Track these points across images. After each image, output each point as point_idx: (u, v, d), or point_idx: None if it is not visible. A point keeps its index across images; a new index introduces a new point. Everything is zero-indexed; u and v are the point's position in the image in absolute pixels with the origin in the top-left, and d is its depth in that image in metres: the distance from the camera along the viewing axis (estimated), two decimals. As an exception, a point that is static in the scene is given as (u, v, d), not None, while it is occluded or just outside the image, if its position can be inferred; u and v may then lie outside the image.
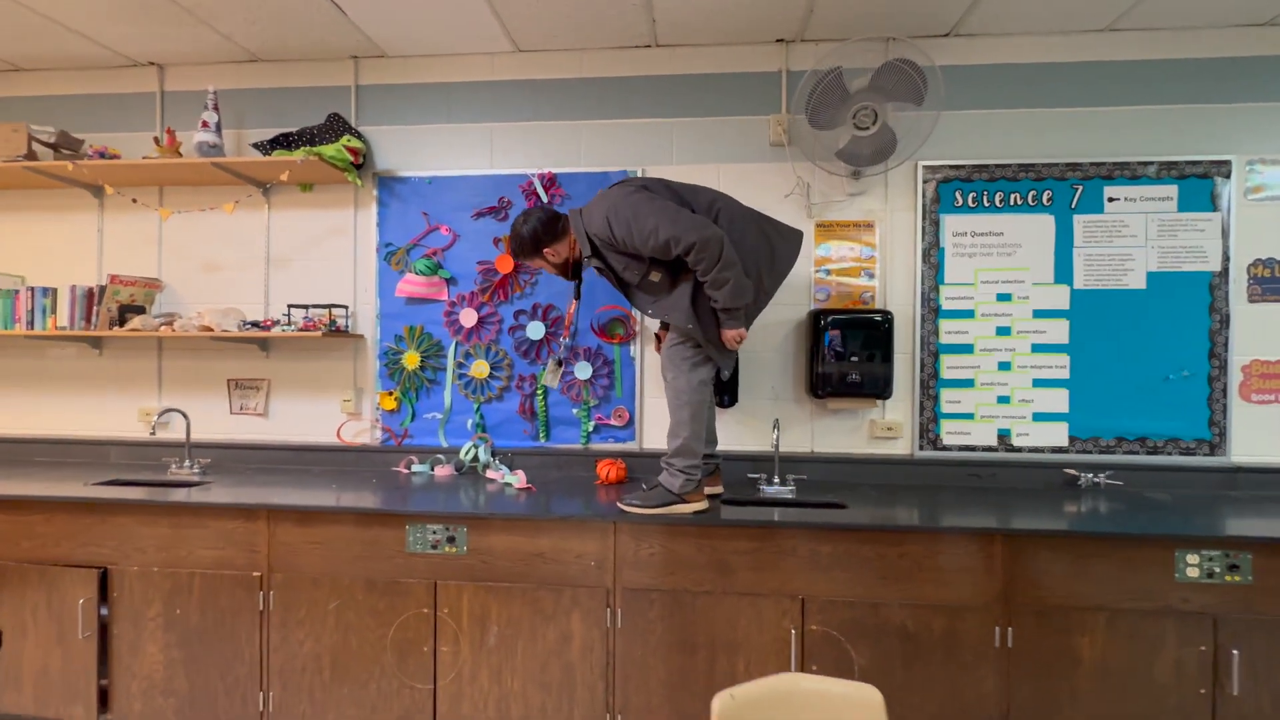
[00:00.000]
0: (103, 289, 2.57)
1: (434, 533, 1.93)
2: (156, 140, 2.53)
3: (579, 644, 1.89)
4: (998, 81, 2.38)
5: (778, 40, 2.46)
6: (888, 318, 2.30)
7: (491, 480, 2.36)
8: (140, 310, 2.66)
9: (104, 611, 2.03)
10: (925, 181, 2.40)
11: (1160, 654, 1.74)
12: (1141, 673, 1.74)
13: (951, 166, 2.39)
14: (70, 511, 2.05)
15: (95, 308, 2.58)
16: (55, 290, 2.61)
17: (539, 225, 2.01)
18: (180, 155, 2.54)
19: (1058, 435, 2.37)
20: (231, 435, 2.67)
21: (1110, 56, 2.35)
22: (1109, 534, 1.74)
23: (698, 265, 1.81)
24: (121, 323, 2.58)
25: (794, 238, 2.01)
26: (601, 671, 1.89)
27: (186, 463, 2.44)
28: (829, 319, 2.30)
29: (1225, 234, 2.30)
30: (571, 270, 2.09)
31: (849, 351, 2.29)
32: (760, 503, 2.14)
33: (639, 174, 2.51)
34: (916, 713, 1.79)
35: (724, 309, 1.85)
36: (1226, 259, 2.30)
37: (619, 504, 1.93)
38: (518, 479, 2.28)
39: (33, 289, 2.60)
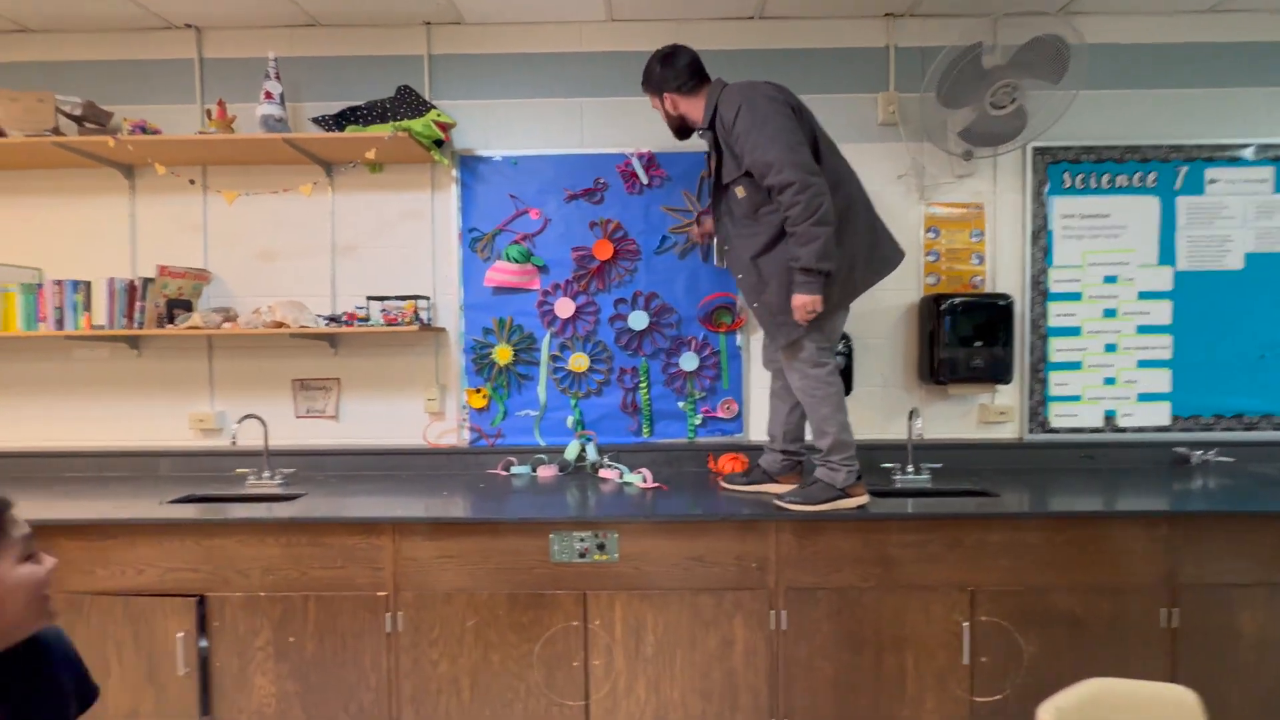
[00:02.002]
0: (146, 282, 2.28)
1: (581, 540, 1.80)
2: (209, 113, 2.24)
3: (741, 649, 1.81)
4: (1104, 62, 2.36)
5: (886, 15, 2.37)
6: (1008, 301, 2.27)
7: (605, 480, 2.24)
8: (187, 305, 2.39)
9: (203, 644, 1.81)
10: (1034, 163, 2.38)
11: (1316, 626, 1.79)
12: (1299, 645, 1.79)
13: (1061, 148, 2.37)
14: (155, 534, 1.82)
15: (139, 303, 2.29)
16: (89, 284, 2.31)
17: (677, 69, 1.92)
18: (232, 130, 2.27)
19: (1161, 415, 2.41)
20: (299, 441, 2.44)
21: (1213, 38, 2.37)
22: (1270, 512, 1.77)
23: (790, 209, 1.70)
24: (170, 319, 2.31)
25: (898, 252, 1.93)
26: (766, 675, 1.81)
27: (266, 473, 2.20)
28: (949, 303, 2.26)
29: (1319, 215, 2.37)
30: (680, 129, 2.01)
31: (971, 336, 2.25)
32: (904, 493, 2.10)
33: (742, 154, 2.39)
34: (1086, 697, 1.79)
35: (803, 268, 1.71)
36: (1319, 239, 2.38)
37: (778, 503, 1.84)
38: (640, 478, 2.15)
39: (61, 283, 2.29)
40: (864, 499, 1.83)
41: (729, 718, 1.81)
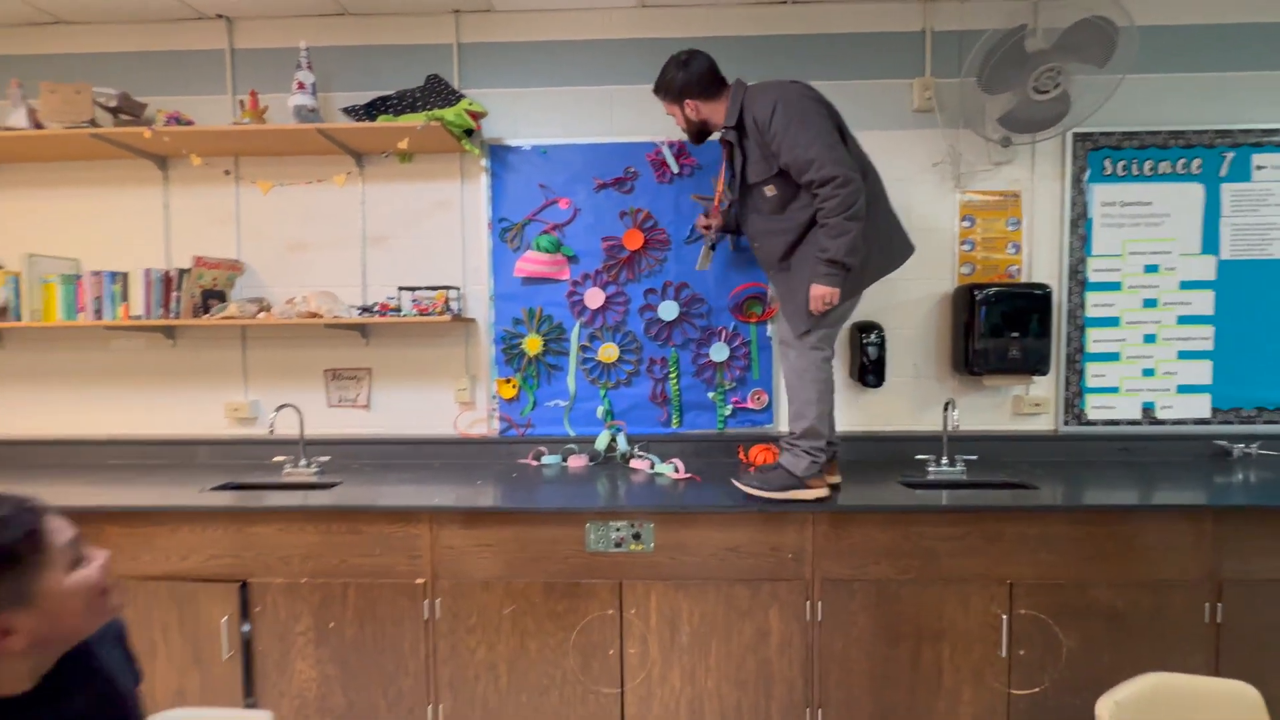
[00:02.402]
0: (182, 272, 2.31)
1: (617, 530, 1.80)
2: (242, 104, 2.25)
3: (777, 639, 1.81)
4: (1148, 44, 2.29)
5: (922, -3, 2.33)
6: (1046, 291, 2.23)
7: (636, 470, 2.24)
8: (221, 295, 2.41)
9: (245, 628, 1.85)
10: (1074, 149, 2.32)
11: (1364, 622, 1.76)
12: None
13: (1102, 134, 2.31)
14: (198, 521, 1.85)
15: (175, 293, 2.32)
16: (126, 275, 2.34)
17: (699, 74, 1.87)
18: (264, 120, 2.28)
19: (1201, 407, 2.36)
20: (331, 430, 2.46)
21: (1263, 18, 2.29)
22: (1319, 506, 1.74)
23: (827, 201, 1.70)
24: (205, 309, 2.33)
25: (908, 245, 1.93)
26: (800, 666, 1.81)
27: (303, 462, 2.23)
28: (985, 293, 2.22)
29: (1370, 202, 2.30)
30: (698, 134, 1.97)
31: (1007, 326, 2.22)
32: (939, 485, 2.08)
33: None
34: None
35: (829, 260, 1.72)
36: (1369, 227, 2.31)
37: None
38: (671, 468, 2.15)
39: (99, 274, 2.32)
40: (822, 492, 1.81)
41: (764, 707, 1.82)
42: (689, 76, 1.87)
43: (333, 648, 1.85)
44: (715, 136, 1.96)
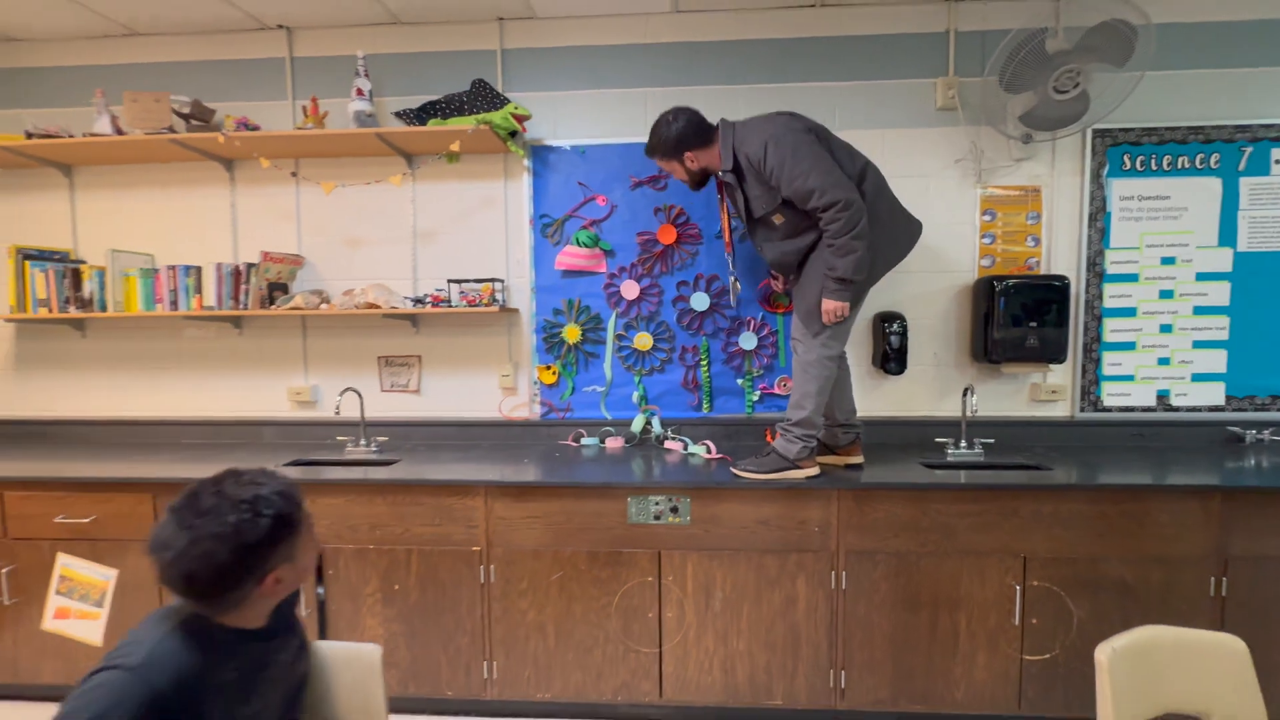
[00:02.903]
0: (249, 266, 2.50)
1: (656, 504, 1.96)
2: (304, 109, 2.42)
3: (804, 605, 1.96)
4: (1167, 41, 2.36)
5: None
6: (1064, 283, 2.33)
7: (670, 451, 2.39)
8: (284, 288, 2.60)
9: (320, 590, 2.04)
10: (1094, 145, 2.40)
11: (1363, 597, 1.85)
12: (1345, 615, 1.86)
13: (1121, 130, 2.39)
14: (276, 492, 2.04)
15: (244, 285, 2.52)
16: (200, 269, 2.54)
17: (689, 127, 1.98)
18: (324, 125, 2.45)
19: (1215, 394, 2.44)
20: (384, 412, 2.65)
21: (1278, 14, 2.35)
22: (1323, 487, 1.83)
23: (831, 224, 1.83)
24: (271, 300, 2.52)
25: (915, 227, 2.03)
26: (826, 630, 1.96)
27: (363, 441, 2.42)
28: (1004, 284, 2.32)
29: (1388, 195, 2.35)
30: (699, 181, 2.09)
31: (1026, 316, 2.32)
32: (957, 466, 2.20)
33: (801, 140, 2.47)
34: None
35: (838, 278, 1.86)
36: (1388, 220, 2.36)
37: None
38: (704, 449, 2.30)
39: (174, 268, 2.53)
40: (812, 471, 1.97)
41: (791, 667, 1.98)
42: (683, 131, 1.97)
43: (398, 608, 2.04)
44: (724, 177, 2.02)
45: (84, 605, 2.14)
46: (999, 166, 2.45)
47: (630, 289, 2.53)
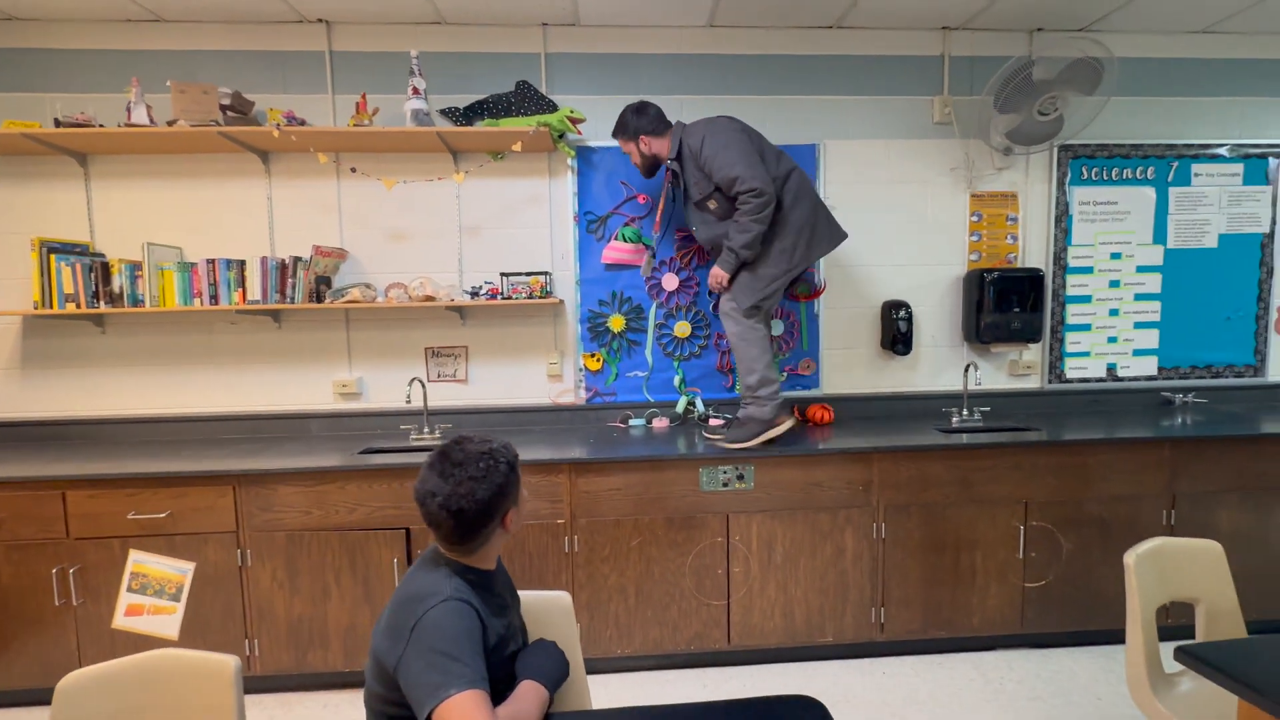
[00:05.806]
0: (296, 260, 2.52)
1: (724, 472, 2.21)
2: (358, 106, 2.46)
3: (850, 554, 2.27)
4: (1119, 73, 2.83)
5: (943, 28, 2.77)
6: (1040, 274, 2.76)
7: (714, 428, 2.63)
8: (328, 281, 2.63)
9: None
10: (1059, 158, 2.84)
11: (1276, 519, 2.37)
12: (1266, 535, 2.37)
13: (1081, 145, 2.84)
14: (362, 479, 2.12)
15: (290, 279, 2.53)
16: (243, 263, 2.52)
17: (652, 118, 2.34)
18: (372, 122, 2.50)
19: (1150, 367, 2.97)
20: (434, 402, 2.73)
21: (1203, 54, 2.86)
22: (1243, 435, 2.33)
23: (744, 205, 2.17)
24: (318, 295, 2.55)
25: (838, 234, 2.34)
26: (869, 574, 2.28)
27: (426, 429, 2.51)
28: (993, 276, 2.72)
29: (1275, 203, 2.93)
30: (650, 168, 2.42)
31: (1010, 303, 2.73)
32: (963, 430, 2.58)
33: (820, 147, 2.77)
34: (1113, 571, 2.33)
35: (729, 248, 2.22)
36: (1274, 222, 2.94)
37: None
38: (748, 425, 2.56)
39: (214, 261, 2.50)
40: (790, 423, 2.31)
41: (840, 608, 2.29)
42: (642, 119, 2.34)
43: (485, 581, 2.18)
44: (670, 165, 2.37)
45: (159, 600, 2.15)
46: (985, 174, 2.85)
47: (670, 281, 2.74)
